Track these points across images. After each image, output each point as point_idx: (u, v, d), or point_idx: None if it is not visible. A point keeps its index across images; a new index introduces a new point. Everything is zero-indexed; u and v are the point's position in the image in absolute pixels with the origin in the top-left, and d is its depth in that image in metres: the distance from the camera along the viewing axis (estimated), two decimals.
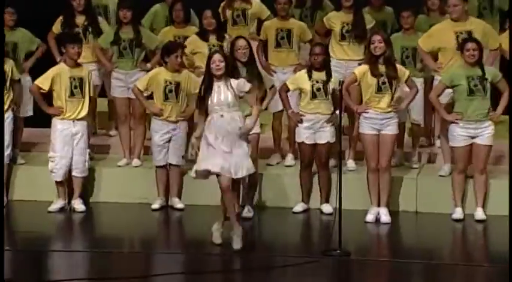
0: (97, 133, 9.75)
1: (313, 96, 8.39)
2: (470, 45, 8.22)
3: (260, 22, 9.39)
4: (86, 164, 8.72)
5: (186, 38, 9.14)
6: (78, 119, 8.63)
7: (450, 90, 8.39)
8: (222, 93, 7.43)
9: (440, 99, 8.46)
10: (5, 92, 8.74)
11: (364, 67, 8.33)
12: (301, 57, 9.11)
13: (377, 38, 8.22)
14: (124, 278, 7.05)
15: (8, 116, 8.77)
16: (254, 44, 8.95)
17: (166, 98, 8.61)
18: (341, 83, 7.96)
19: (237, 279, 7.20)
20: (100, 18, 9.37)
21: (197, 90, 7.76)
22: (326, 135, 8.41)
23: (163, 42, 8.92)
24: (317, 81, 8.38)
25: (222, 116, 7.42)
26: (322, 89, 8.37)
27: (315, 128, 8.42)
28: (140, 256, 7.66)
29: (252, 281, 7.14)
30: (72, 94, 8.59)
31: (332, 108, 8.35)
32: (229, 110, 7.42)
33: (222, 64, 7.40)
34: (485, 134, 8.24)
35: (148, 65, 9.12)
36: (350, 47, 8.99)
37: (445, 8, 8.93)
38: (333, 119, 8.33)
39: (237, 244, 7.46)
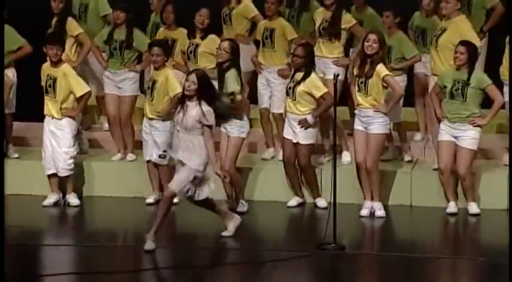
0: (91, 127, 9.74)
1: (287, 94, 8.41)
2: (458, 48, 8.20)
3: (254, 23, 9.34)
4: (67, 163, 8.61)
5: (174, 40, 9.12)
6: (53, 118, 8.61)
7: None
8: (187, 115, 7.33)
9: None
10: None
11: (356, 65, 8.34)
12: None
13: (372, 37, 8.20)
14: (117, 272, 7.04)
15: None
16: (246, 47, 8.90)
17: (145, 95, 8.65)
18: (336, 76, 7.94)
19: (230, 274, 7.20)
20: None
21: (174, 92, 7.72)
22: (303, 136, 8.37)
23: None
24: (293, 81, 8.37)
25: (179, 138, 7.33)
26: (291, 89, 8.35)
27: (294, 127, 8.39)
28: (133, 250, 7.65)
29: (245, 275, 7.14)
30: (47, 92, 8.62)
31: (306, 110, 8.30)
32: (187, 133, 7.32)
33: (194, 86, 7.28)
34: (466, 137, 8.21)
35: (138, 67, 9.13)
36: (324, 44, 8.95)
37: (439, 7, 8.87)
38: (302, 121, 8.30)
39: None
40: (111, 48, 9.09)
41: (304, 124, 8.31)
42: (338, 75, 7.94)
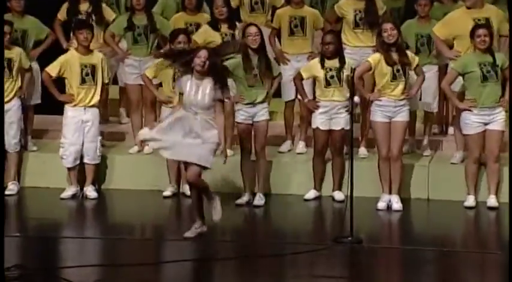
0: (109, 120, 9.76)
1: (327, 84, 8.39)
2: (481, 31, 8.18)
3: (273, 10, 9.36)
4: (98, 151, 8.72)
5: (197, 24, 9.11)
6: (89, 106, 8.63)
7: (460, 78, 8.35)
8: (201, 93, 7.33)
9: (452, 87, 8.42)
10: (12, 79, 8.73)
11: (377, 55, 8.31)
12: (314, 45, 9.08)
13: (389, 25, 8.20)
14: (135, 264, 7.07)
15: (15, 104, 8.76)
16: (267, 32, 8.94)
17: (173, 87, 8.63)
18: (353, 70, 7.93)
19: (248, 267, 7.21)
20: (104, 5, 9.33)
21: None
22: (341, 122, 8.42)
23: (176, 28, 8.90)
24: (330, 69, 8.37)
25: (196, 116, 7.28)
26: (335, 77, 8.36)
27: (330, 114, 8.41)
28: (151, 243, 7.68)
29: (263, 269, 7.15)
30: (83, 81, 8.58)
31: (347, 95, 8.35)
32: (205, 111, 7.31)
33: (207, 62, 7.25)
34: (498, 119, 8.22)
35: (162, 52, 9.09)
36: (364, 34, 8.95)
37: None
38: (348, 105, 8.32)
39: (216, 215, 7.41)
40: (134, 34, 9.01)
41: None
42: (355, 69, 7.94)
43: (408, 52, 8.35)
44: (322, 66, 8.39)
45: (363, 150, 9.01)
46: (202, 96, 7.34)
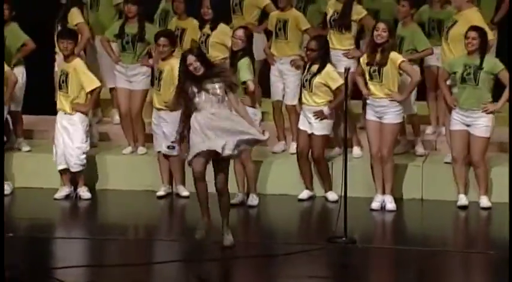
0: (102, 121, 9.75)
1: (303, 86, 8.42)
2: (470, 33, 8.18)
3: (264, 12, 9.34)
4: (78, 159, 8.62)
5: (183, 29, 9.11)
6: (66, 113, 8.62)
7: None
8: (212, 89, 7.20)
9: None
10: None
11: (365, 55, 8.31)
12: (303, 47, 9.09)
13: (381, 26, 8.20)
14: (128, 265, 7.05)
15: None
16: (257, 35, 8.88)
17: (152, 85, 8.69)
18: (347, 70, 7.93)
19: (240, 267, 7.20)
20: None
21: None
22: (320, 127, 8.39)
23: None
24: (309, 74, 8.37)
25: (212, 113, 7.12)
26: (308, 81, 8.36)
27: (309, 119, 8.41)
28: (144, 243, 7.66)
29: (255, 269, 7.14)
30: (60, 88, 8.64)
31: (318, 101, 8.31)
32: (222, 104, 7.18)
33: (198, 65, 7.12)
34: (479, 125, 8.19)
35: (150, 61, 9.11)
36: (335, 36, 8.94)
37: None
38: (318, 113, 8.30)
39: (227, 241, 7.29)
40: (123, 42, 9.08)
41: (319, 115, 8.32)
42: (349, 69, 7.94)
43: (392, 53, 8.21)
44: (308, 70, 8.39)
45: (356, 151, 9.01)
46: (214, 91, 7.21)
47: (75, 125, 8.62)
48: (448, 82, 8.44)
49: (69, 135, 8.62)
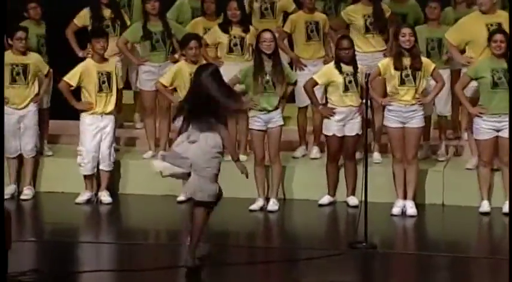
0: (123, 125, 9.80)
1: (346, 89, 8.39)
2: (498, 36, 8.16)
3: (285, 15, 9.37)
4: (112, 158, 8.75)
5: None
6: (106, 113, 8.67)
7: (475, 83, 8.32)
8: None
9: (466, 91, 8.40)
10: (27, 85, 8.76)
11: (387, 60, 8.31)
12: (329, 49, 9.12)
13: (408, 31, 8.19)
14: (149, 269, 7.08)
15: (30, 110, 8.78)
16: (279, 38, 8.95)
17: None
18: (367, 75, 7.93)
19: (262, 272, 7.21)
20: (122, 11, 9.36)
21: None
22: (355, 127, 8.42)
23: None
24: (347, 74, 8.37)
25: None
26: (353, 81, 8.36)
27: (345, 121, 8.41)
28: (166, 248, 7.69)
29: (277, 274, 7.15)
30: (100, 89, 8.62)
31: (360, 100, 8.34)
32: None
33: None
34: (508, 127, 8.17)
35: (176, 56, 9.10)
36: (375, 39, 8.98)
37: (473, 0, 8.86)
38: (361, 110, 8.31)
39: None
40: (152, 41, 9.03)
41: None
42: (369, 74, 7.93)
43: (424, 58, 8.33)
44: (340, 71, 8.38)
45: (376, 156, 9.00)
46: None
47: (109, 126, 8.66)
48: (470, 93, 8.36)
49: (109, 136, 8.64)
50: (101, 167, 8.74)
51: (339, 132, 8.45)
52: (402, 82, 8.24)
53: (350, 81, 8.38)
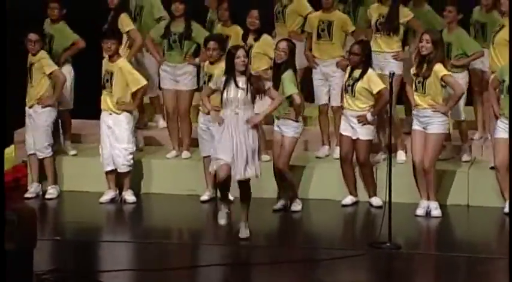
0: (147, 125, 9.82)
1: (346, 92, 8.41)
2: None
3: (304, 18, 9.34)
4: (125, 159, 8.69)
5: (227, 36, 9.13)
6: (111, 112, 8.68)
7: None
8: (234, 89, 7.40)
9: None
10: (31, 85, 8.80)
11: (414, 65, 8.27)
12: (345, 49, 9.07)
13: (426, 37, 8.13)
14: (172, 268, 7.09)
15: (36, 110, 8.80)
16: (299, 44, 8.90)
17: (198, 87, 8.71)
18: (391, 74, 7.88)
19: (285, 272, 7.20)
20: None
21: None
22: (364, 132, 8.37)
23: None
24: (352, 79, 8.36)
25: (236, 113, 7.38)
26: (350, 86, 8.34)
27: (354, 123, 8.38)
28: (188, 247, 7.70)
29: (299, 274, 7.13)
30: (104, 87, 8.69)
31: (362, 106, 8.29)
32: (244, 107, 7.39)
33: (246, 60, 7.39)
34: None
35: (197, 60, 9.15)
36: (382, 39, 8.90)
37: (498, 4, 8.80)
38: (362, 118, 8.28)
39: (243, 233, 7.49)
40: (170, 41, 9.08)
41: (363, 121, 8.28)
42: (394, 74, 7.90)
43: (437, 65, 8.16)
44: (349, 76, 8.37)
45: (401, 156, 8.95)
46: (236, 92, 7.36)
47: (120, 125, 8.68)
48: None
49: (115, 136, 8.67)
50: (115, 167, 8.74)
51: (347, 133, 8.40)
52: (416, 88, 8.20)
53: (349, 85, 8.34)
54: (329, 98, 9.03)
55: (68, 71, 9.20)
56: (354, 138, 8.41)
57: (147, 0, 9.57)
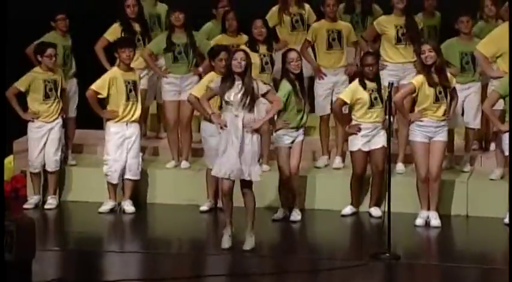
0: (147, 135, 9.83)
1: (371, 105, 8.39)
2: None
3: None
4: (139, 167, 8.78)
5: (237, 46, 9.12)
6: (131, 122, 8.70)
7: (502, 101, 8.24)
8: (235, 92, 7.42)
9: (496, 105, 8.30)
10: (57, 100, 8.82)
11: (421, 77, 8.26)
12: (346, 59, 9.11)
13: (427, 47, 8.15)
14: (172, 278, 7.08)
15: (58, 123, 8.84)
16: (303, 47, 8.98)
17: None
18: (391, 85, 7.90)
19: None
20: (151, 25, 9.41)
21: None
22: (381, 140, 8.41)
23: None
24: (372, 90, 8.38)
25: (236, 115, 7.40)
26: (378, 98, 8.37)
27: (370, 136, 8.40)
28: (189, 257, 7.69)
29: None
30: (128, 98, 8.67)
31: (384, 115, 8.35)
32: (244, 110, 7.41)
33: (244, 62, 7.40)
34: None
35: (200, 69, 9.14)
36: (406, 49, 8.98)
37: (501, 13, 8.82)
38: (385, 124, 8.30)
39: (247, 244, 7.49)
40: (174, 53, 9.08)
41: (385, 126, 8.22)
42: (393, 84, 7.92)
43: (447, 73, 8.27)
44: (364, 88, 8.38)
45: (400, 166, 8.96)
46: (235, 94, 7.39)
47: (135, 135, 8.70)
48: (502, 106, 8.29)
49: (136, 145, 8.68)
50: (126, 176, 8.76)
51: (364, 147, 8.43)
52: (437, 99, 8.19)
53: (376, 98, 8.39)
54: (331, 107, 9.04)
55: (73, 83, 9.24)
56: (377, 147, 8.39)
57: (160, 8, 9.52)
